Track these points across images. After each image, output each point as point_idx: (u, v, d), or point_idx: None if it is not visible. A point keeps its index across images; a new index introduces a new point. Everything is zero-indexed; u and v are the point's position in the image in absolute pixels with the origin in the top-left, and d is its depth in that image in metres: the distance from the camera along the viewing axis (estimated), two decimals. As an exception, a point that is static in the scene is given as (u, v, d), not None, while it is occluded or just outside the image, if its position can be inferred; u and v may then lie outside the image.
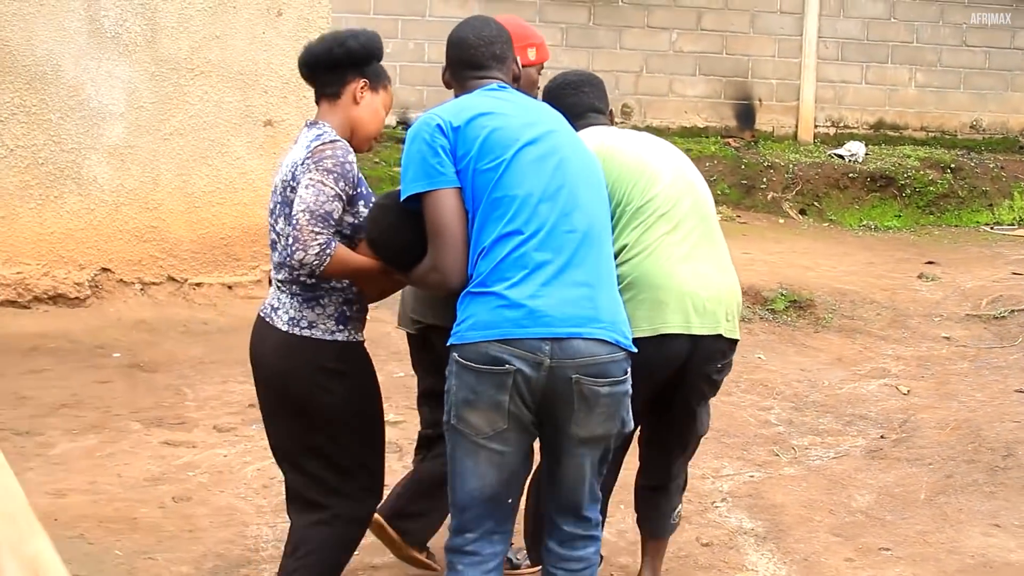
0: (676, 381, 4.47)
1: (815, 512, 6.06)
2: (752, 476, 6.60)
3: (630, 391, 3.86)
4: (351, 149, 4.14)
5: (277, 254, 4.24)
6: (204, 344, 8.62)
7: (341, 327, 4.22)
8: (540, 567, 4.24)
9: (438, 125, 3.84)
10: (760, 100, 17.41)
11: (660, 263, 4.33)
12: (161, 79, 9.24)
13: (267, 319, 4.28)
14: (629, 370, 3.84)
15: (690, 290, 4.33)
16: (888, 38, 17.79)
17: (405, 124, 16.84)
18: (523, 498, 4.40)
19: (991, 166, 16.84)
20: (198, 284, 9.43)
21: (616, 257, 4.19)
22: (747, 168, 14.74)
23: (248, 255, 9.57)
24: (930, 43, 17.94)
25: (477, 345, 3.68)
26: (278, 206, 4.22)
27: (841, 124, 17.65)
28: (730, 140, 16.65)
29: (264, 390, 4.38)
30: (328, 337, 4.19)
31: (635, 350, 3.87)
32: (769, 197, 15.22)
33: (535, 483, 4.63)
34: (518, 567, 5.19)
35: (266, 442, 6.56)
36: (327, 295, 4.18)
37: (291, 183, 4.11)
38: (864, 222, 15.47)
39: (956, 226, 15.83)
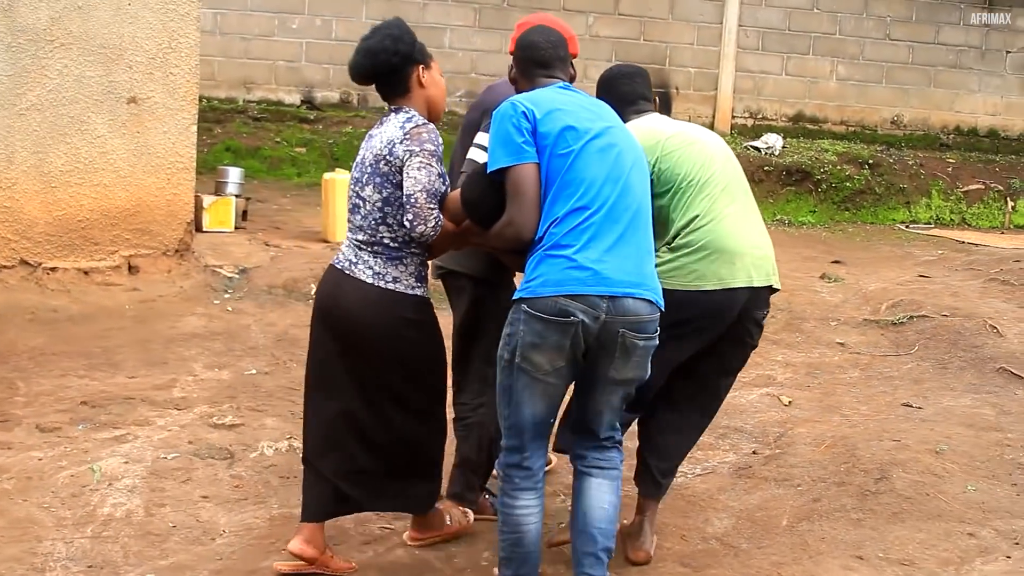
0: (730, 326, 5.22)
1: (666, 538, 5.60)
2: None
3: (656, 344, 4.63)
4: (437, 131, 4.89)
5: (360, 217, 4.88)
6: (49, 333, 8.07)
7: (418, 284, 4.92)
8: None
9: (523, 111, 4.58)
10: (677, 88, 17.03)
11: (727, 230, 5.11)
12: (18, 51, 8.65)
13: (346, 271, 4.89)
14: (658, 329, 4.62)
15: (749, 251, 5.15)
16: (810, 29, 17.47)
17: (310, 103, 16.30)
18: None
19: (910, 163, 16.54)
20: (52, 269, 8.86)
21: (690, 224, 5.06)
22: (658, 159, 14.26)
23: (107, 239, 9.01)
24: (853, 35, 17.67)
25: (547, 299, 4.41)
26: (366, 176, 4.86)
27: (759, 115, 17.31)
28: (645, 129, 16.21)
29: (339, 337, 4.90)
30: (409, 292, 4.87)
31: (663, 311, 4.63)
32: (681, 189, 14.77)
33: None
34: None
35: (86, 446, 6.20)
36: (409, 256, 4.88)
37: (387, 158, 4.78)
38: (778, 216, 15.12)
39: (872, 223, 15.52)
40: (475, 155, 5.32)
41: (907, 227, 15.57)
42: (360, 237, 4.88)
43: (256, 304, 8.89)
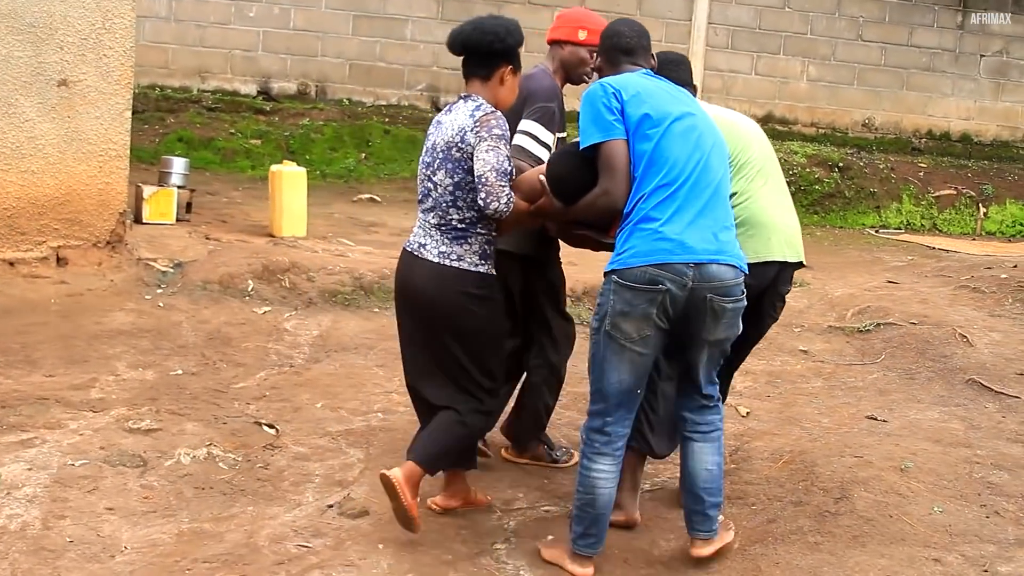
0: (756, 300, 5.43)
1: (607, 561, 5.16)
2: (548, 511, 5.72)
3: (745, 305, 5.01)
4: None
5: (431, 200, 5.21)
6: (-34, 328, 7.60)
7: (483, 261, 5.20)
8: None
9: (613, 92, 4.92)
10: (644, 86, 16.62)
11: (762, 207, 5.51)
12: (-59, 27, 8.19)
13: (416, 253, 5.24)
14: (745, 291, 4.99)
15: (782, 228, 5.58)
16: (781, 28, 17.11)
17: (266, 94, 15.85)
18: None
19: (881, 167, 16.21)
20: (-25, 260, 8.39)
21: (728, 201, 5.21)
22: (622, 157, 13.81)
23: (35, 229, 8.55)
24: (825, 35, 17.32)
25: (636, 269, 4.75)
26: (438, 161, 5.17)
27: (728, 115, 16.87)
28: (610, 127, 15.80)
29: (414, 314, 5.27)
30: (473, 268, 5.14)
31: (747, 275, 5.01)
32: (646, 189, 14.38)
33: None
34: (557, 461, 6.37)
35: (-12, 451, 5.74)
36: (474, 236, 5.16)
37: (459, 144, 5.09)
38: (744, 219, 14.68)
39: (840, 227, 15.17)
40: (521, 141, 5.67)
41: (877, 232, 15.23)
42: (431, 219, 5.23)
43: (189, 300, 8.41)
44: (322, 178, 14.45)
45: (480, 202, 5.01)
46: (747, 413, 7.29)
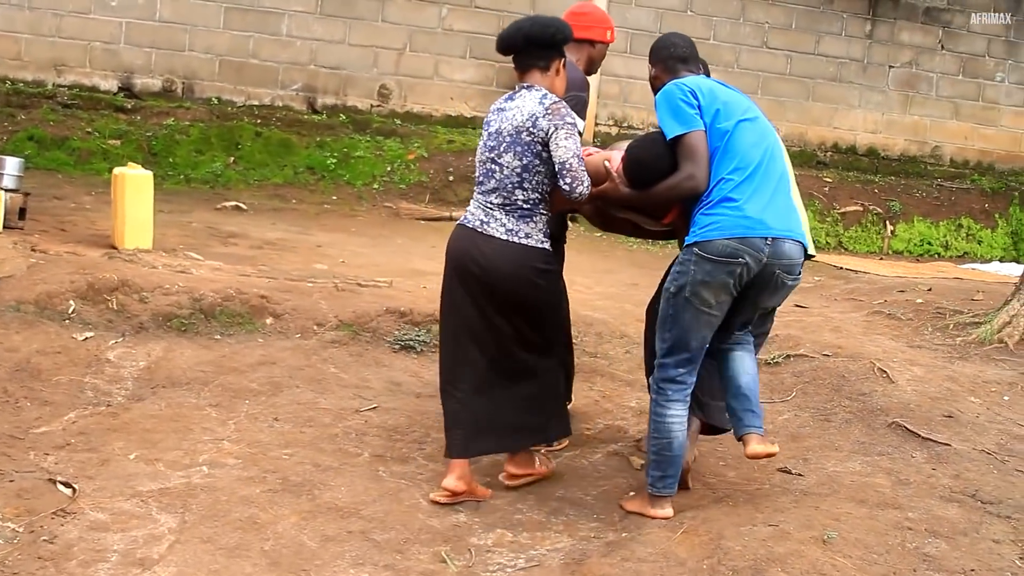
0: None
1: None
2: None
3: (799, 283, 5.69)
4: None
5: (495, 181, 5.60)
6: None
7: (546, 239, 5.63)
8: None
9: (689, 91, 5.49)
10: (537, 91, 15.65)
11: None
12: None
13: (479, 230, 5.59)
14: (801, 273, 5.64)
15: None
16: (683, 32, 16.13)
17: (128, 90, 14.66)
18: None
19: (785, 180, 15.33)
20: None
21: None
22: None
23: None
24: (728, 42, 16.60)
25: (718, 242, 5.31)
26: (504, 144, 5.57)
27: (624, 123, 16.15)
28: (500, 133, 14.82)
29: (477, 289, 5.59)
30: (540, 245, 5.58)
31: (814, 255, 5.76)
32: (537, 200, 13.40)
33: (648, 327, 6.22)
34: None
35: None
36: (539, 215, 5.60)
37: (530, 129, 5.49)
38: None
39: (743, 244, 14.22)
40: None
41: (781, 249, 14.39)
42: (494, 199, 5.61)
43: (19, 321, 7.19)
44: (186, 183, 13.33)
45: (565, 187, 5.43)
46: (641, 466, 6.29)
